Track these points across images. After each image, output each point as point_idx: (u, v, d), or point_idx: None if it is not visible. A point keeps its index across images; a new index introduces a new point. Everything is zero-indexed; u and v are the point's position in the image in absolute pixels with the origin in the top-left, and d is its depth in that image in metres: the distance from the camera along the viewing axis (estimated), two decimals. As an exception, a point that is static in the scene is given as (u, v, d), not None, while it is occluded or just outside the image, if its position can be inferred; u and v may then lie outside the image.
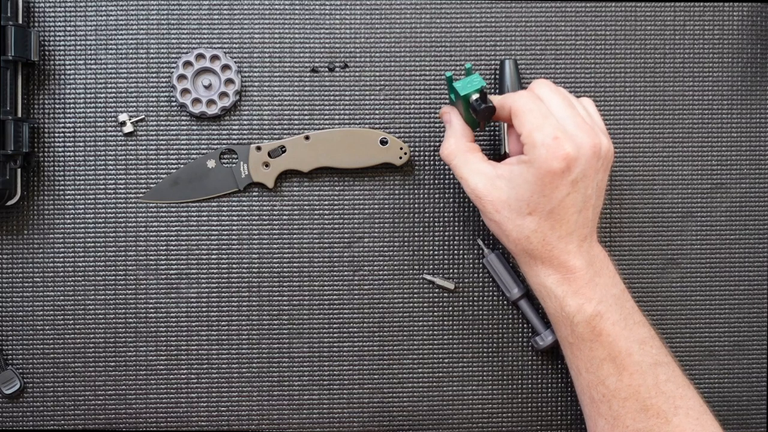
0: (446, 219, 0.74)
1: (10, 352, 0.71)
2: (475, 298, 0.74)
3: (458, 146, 0.66)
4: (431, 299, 0.73)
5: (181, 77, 0.71)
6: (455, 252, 0.74)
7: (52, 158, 0.71)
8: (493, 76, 0.74)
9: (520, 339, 0.74)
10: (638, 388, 0.63)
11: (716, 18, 0.75)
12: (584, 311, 0.63)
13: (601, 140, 0.63)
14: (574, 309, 0.64)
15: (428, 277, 0.73)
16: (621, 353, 0.63)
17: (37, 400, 0.72)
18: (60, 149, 0.71)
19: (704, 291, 0.75)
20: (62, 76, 0.72)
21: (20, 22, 0.69)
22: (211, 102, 0.72)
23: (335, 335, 0.73)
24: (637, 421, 0.63)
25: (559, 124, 0.62)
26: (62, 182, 0.71)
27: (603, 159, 0.63)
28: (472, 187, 0.65)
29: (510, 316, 0.74)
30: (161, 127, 0.72)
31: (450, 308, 0.74)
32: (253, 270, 0.73)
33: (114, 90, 0.72)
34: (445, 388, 0.73)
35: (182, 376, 0.72)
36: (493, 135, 0.74)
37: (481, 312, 0.74)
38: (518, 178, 0.63)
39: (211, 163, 0.72)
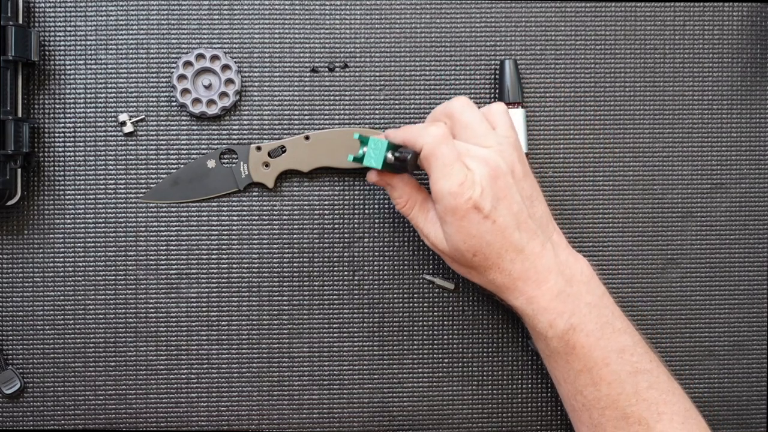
0: (446, 219, 0.74)
1: (10, 352, 0.71)
2: (475, 298, 0.74)
3: (414, 198, 0.66)
4: (431, 299, 0.73)
5: (181, 77, 0.71)
6: (455, 252, 0.74)
7: (52, 158, 0.72)
8: (493, 76, 0.74)
9: (519, 339, 0.74)
10: (617, 397, 0.63)
11: (716, 18, 0.75)
12: (556, 327, 0.63)
13: (496, 162, 0.62)
14: (546, 326, 0.63)
15: (428, 277, 0.73)
16: (597, 364, 0.63)
17: (37, 400, 0.72)
18: (60, 149, 0.72)
19: (704, 291, 0.75)
20: (62, 76, 0.72)
21: (20, 22, 0.69)
22: (211, 102, 0.72)
23: (335, 335, 0.73)
24: (618, 428, 0.63)
25: (463, 166, 0.61)
26: (62, 182, 0.71)
27: (510, 173, 0.63)
28: (432, 240, 0.65)
29: (510, 316, 0.74)
30: (161, 127, 0.72)
31: (450, 308, 0.74)
32: (253, 270, 0.73)
33: (114, 90, 0.72)
34: (445, 388, 0.73)
35: (182, 376, 0.72)
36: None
37: (481, 312, 0.74)
38: (446, 234, 0.63)
39: (211, 163, 0.72)
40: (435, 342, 0.73)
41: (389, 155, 0.63)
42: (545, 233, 0.64)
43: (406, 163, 0.62)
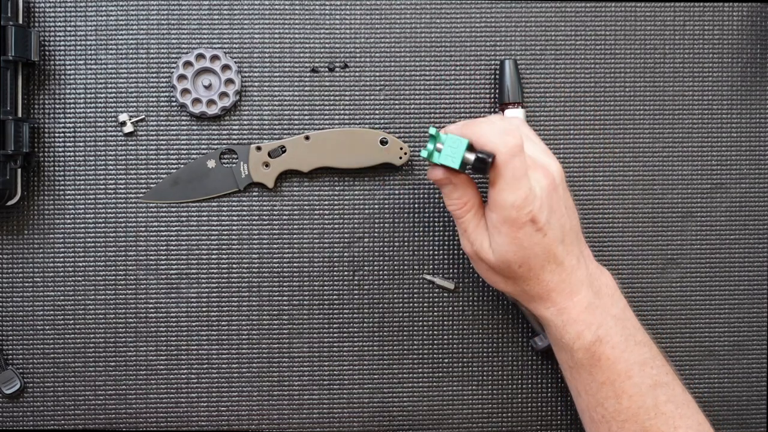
0: (446, 219, 0.74)
1: (11, 352, 0.71)
2: (475, 298, 0.74)
3: (472, 201, 0.64)
4: (431, 299, 0.73)
5: (181, 77, 0.71)
6: (455, 252, 0.74)
7: (52, 158, 0.72)
8: (493, 76, 0.74)
9: (519, 339, 0.74)
10: (637, 410, 0.63)
11: (716, 18, 0.75)
12: (584, 338, 0.63)
13: (553, 172, 0.62)
14: (573, 337, 0.63)
15: (428, 277, 0.73)
16: (620, 376, 0.63)
17: (37, 400, 0.72)
18: (60, 149, 0.72)
19: (704, 291, 0.75)
20: (62, 76, 0.72)
21: (20, 22, 0.69)
22: (211, 102, 0.72)
23: (335, 335, 0.73)
24: None
25: (529, 179, 0.61)
26: (62, 182, 0.71)
27: (560, 184, 0.63)
28: (476, 248, 0.64)
29: (510, 316, 0.74)
30: (161, 127, 0.72)
31: (450, 308, 0.74)
32: (253, 270, 0.73)
33: (114, 90, 0.72)
34: (445, 388, 0.73)
35: (182, 376, 0.72)
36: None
37: (481, 312, 0.74)
38: (495, 244, 0.63)
39: (211, 163, 0.72)
40: (435, 342, 0.73)
41: (469, 155, 0.60)
42: (579, 246, 0.65)
43: (487, 166, 0.59)
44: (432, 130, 0.61)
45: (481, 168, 0.59)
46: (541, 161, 0.63)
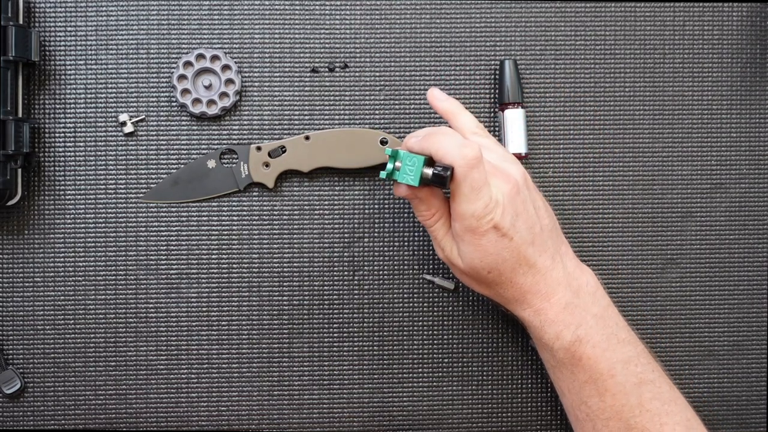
0: (446, 219, 0.74)
1: (11, 351, 0.71)
2: (475, 298, 0.74)
3: (441, 211, 0.65)
4: (431, 299, 0.73)
5: (182, 77, 0.71)
6: (455, 252, 0.74)
7: (52, 158, 0.72)
8: (493, 76, 0.74)
9: (519, 339, 0.74)
10: (621, 408, 0.63)
11: (716, 18, 0.75)
12: (563, 338, 0.63)
13: (516, 177, 0.63)
14: (553, 337, 0.63)
15: (428, 277, 0.73)
16: (603, 375, 0.63)
17: (38, 400, 0.72)
18: (60, 149, 0.72)
19: (704, 291, 0.75)
20: (63, 76, 0.72)
21: (21, 22, 0.69)
22: (211, 102, 0.72)
23: (335, 335, 0.73)
24: None
25: (489, 187, 0.61)
26: (62, 182, 0.71)
27: (524, 187, 0.63)
28: (447, 254, 0.65)
29: (510, 316, 0.74)
30: (161, 127, 0.72)
31: (450, 308, 0.74)
32: (253, 270, 0.73)
33: (114, 90, 0.72)
34: (445, 388, 0.73)
35: (182, 376, 0.72)
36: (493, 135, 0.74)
37: (481, 312, 0.74)
38: (461, 252, 0.63)
39: (211, 163, 0.72)
40: (435, 342, 0.73)
41: (427, 171, 0.61)
42: (555, 245, 0.65)
43: (445, 181, 0.60)
44: (388, 151, 0.62)
45: (440, 182, 0.60)
46: (501, 167, 0.63)
